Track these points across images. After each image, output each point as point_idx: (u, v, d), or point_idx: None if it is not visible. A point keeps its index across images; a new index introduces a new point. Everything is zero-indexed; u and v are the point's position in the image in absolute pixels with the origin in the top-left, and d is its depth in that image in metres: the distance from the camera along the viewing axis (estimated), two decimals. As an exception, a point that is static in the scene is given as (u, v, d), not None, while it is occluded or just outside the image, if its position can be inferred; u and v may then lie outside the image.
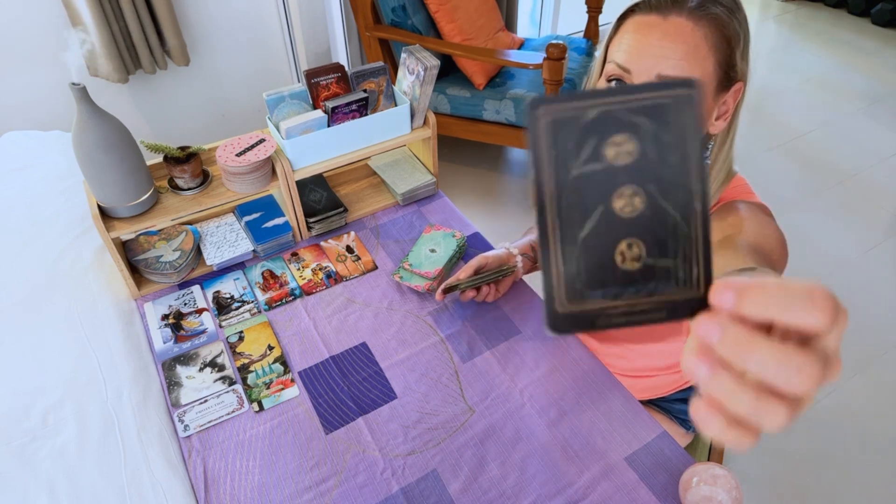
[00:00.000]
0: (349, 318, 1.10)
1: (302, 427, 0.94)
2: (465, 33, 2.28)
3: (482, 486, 0.86)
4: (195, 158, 1.11)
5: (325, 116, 1.16)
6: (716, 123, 0.79)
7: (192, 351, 1.04)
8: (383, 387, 0.99)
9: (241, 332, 1.07)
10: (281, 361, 1.03)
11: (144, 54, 2.13)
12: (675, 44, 0.71)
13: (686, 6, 0.72)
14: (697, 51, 0.71)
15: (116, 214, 1.06)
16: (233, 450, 0.91)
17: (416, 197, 1.34)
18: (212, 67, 2.42)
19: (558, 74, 2.06)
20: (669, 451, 0.90)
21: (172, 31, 2.14)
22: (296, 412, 0.96)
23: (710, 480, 0.78)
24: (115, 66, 2.06)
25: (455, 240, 1.20)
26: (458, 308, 1.11)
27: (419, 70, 1.19)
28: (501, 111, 2.31)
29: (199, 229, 1.22)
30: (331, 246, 1.24)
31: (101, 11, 1.95)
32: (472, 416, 0.94)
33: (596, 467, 0.88)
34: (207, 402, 0.97)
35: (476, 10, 2.33)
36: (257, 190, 1.15)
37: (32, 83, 2.09)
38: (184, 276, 1.16)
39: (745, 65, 0.76)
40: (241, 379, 1.00)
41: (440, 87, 2.37)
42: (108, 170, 1.01)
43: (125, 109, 2.33)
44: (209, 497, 0.85)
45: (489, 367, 1.01)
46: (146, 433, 0.90)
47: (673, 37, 0.71)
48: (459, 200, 2.54)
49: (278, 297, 1.14)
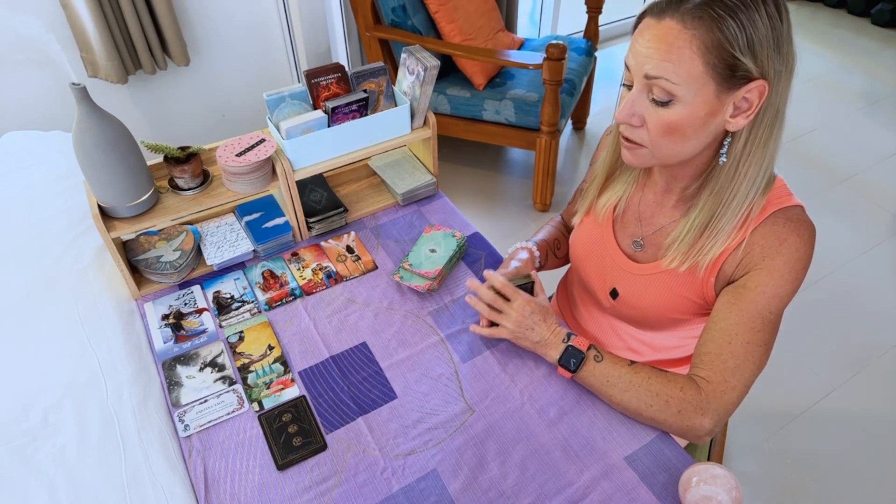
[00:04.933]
0: (349, 318, 1.10)
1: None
2: (465, 33, 2.28)
3: (482, 485, 0.86)
4: (195, 158, 1.11)
5: (325, 116, 1.16)
6: (732, 121, 0.80)
7: (192, 351, 1.05)
8: (383, 387, 0.99)
9: (241, 332, 1.07)
10: (281, 361, 1.03)
11: (144, 54, 2.14)
12: (659, 44, 0.76)
13: (681, 8, 0.75)
14: (682, 52, 0.75)
15: (117, 214, 1.06)
16: (233, 450, 0.91)
17: (416, 197, 1.34)
18: (212, 67, 2.42)
19: (558, 74, 2.06)
20: (669, 450, 0.90)
21: (172, 32, 2.14)
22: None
23: (709, 480, 0.78)
24: (114, 67, 2.06)
25: (455, 240, 1.20)
26: (458, 308, 1.11)
27: (419, 70, 1.19)
28: (501, 111, 2.31)
29: (199, 229, 1.22)
30: (331, 246, 1.24)
31: (100, 11, 1.95)
32: (472, 416, 0.94)
33: (596, 467, 0.88)
34: (207, 402, 0.97)
35: (476, 11, 2.33)
36: (257, 190, 1.15)
37: (33, 83, 2.10)
38: (184, 276, 1.16)
39: (767, 63, 0.76)
40: (241, 379, 1.00)
41: (440, 88, 2.38)
42: (108, 170, 1.01)
43: (125, 109, 2.33)
44: (209, 497, 0.85)
45: (489, 367, 1.01)
46: (146, 433, 0.90)
47: (660, 38, 0.76)
48: (459, 200, 2.54)
49: (278, 297, 1.14)
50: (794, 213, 0.86)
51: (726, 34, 0.73)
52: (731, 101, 0.78)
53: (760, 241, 0.86)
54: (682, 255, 0.91)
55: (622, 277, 1.01)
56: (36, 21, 1.99)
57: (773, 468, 1.67)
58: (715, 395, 0.86)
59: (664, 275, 0.95)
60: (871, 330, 2.02)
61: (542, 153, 2.30)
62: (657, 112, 0.80)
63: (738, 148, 0.83)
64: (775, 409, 1.81)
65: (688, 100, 0.77)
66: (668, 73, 0.76)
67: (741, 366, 0.86)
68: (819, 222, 2.49)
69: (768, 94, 0.77)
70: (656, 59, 0.76)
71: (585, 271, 1.09)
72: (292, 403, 0.96)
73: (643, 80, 0.79)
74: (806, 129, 2.92)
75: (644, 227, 0.99)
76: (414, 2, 2.27)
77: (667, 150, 0.83)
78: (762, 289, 0.85)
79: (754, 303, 0.85)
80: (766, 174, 0.86)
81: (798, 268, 0.85)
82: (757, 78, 0.76)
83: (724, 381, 0.86)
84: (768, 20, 0.74)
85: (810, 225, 0.87)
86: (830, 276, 2.20)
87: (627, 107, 0.82)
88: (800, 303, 2.10)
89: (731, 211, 0.86)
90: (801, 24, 3.87)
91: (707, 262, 0.90)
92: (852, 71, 3.39)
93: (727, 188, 0.85)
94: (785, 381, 1.87)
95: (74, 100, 0.97)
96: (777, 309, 0.86)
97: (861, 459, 1.68)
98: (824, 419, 1.77)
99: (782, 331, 0.89)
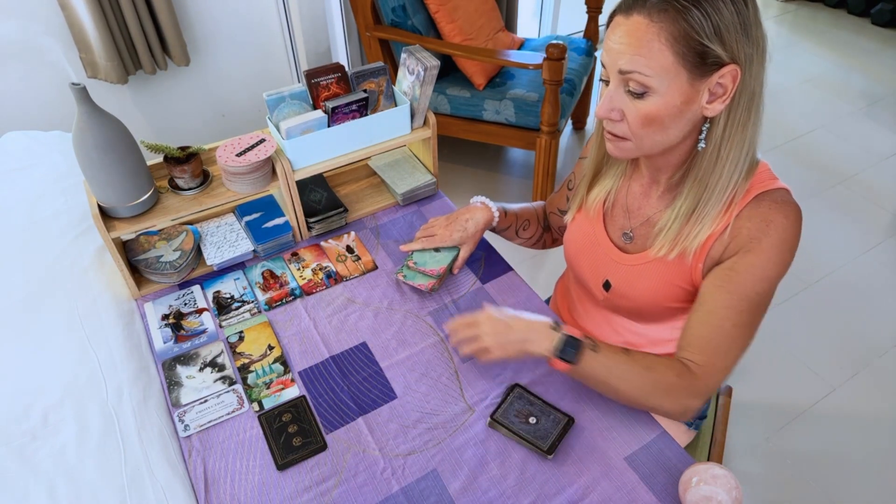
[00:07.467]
0: (349, 317, 1.10)
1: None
2: (465, 33, 2.28)
3: (482, 486, 0.86)
4: (195, 158, 1.11)
5: (325, 116, 1.16)
6: (708, 107, 0.82)
7: (192, 351, 1.05)
8: (383, 387, 0.99)
9: (241, 332, 1.07)
10: (281, 361, 1.03)
11: (144, 54, 2.13)
12: (630, 39, 0.79)
13: (647, 3, 0.78)
14: (651, 45, 0.78)
15: (117, 214, 1.06)
16: (233, 450, 0.91)
17: (416, 197, 1.34)
18: (212, 67, 2.42)
19: (558, 74, 2.06)
20: (669, 451, 0.90)
21: (172, 32, 2.14)
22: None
23: (710, 480, 0.78)
24: (114, 67, 2.06)
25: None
26: (459, 308, 1.11)
27: (419, 70, 1.19)
28: (501, 111, 2.31)
29: (199, 229, 1.22)
30: (331, 246, 1.24)
31: (100, 12, 1.95)
32: (471, 416, 0.94)
33: (596, 467, 0.88)
34: (207, 402, 0.97)
35: (476, 10, 2.33)
36: (257, 190, 1.15)
37: (33, 84, 2.09)
38: (184, 276, 1.16)
39: (737, 47, 0.78)
40: (241, 379, 1.00)
41: (440, 87, 2.38)
42: (108, 170, 1.01)
43: (125, 109, 2.33)
44: (209, 497, 0.85)
45: (489, 366, 1.01)
46: (146, 433, 0.90)
47: (630, 33, 0.79)
48: (459, 200, 2.54)
49: (278, 297, 1.14)
50: (778, 196, 0.87)
51: (692, 23, 0.76)
52: (706, 88, 0.80)
53: (746, 223, 0.87)
54: (669, 243, 0.93)
55: (614, 269, 1.03)
56: (35, 21, 1.99)
57: (773, 468, 1.67)
58: (705, 378, 0.88)
59: (654, 264, 0.97)
60: (871, 330, 2.02)
61: (542, 153, 2.30)
62: (635, 104, 0.83)
63: (717, 133, 0.85)
64: (775, 409, 1.80)
65: (662, 90, 0.80)
66: (640, 67, 0.79)
67: (730, 348, 0.87)
68: (819, 222, 2.50)
69: (742, 77, 0.80)
70: (628, 54, 0.79)
71: (579, 266, 1.10)
72: (292, 403, 0.96)
73: (618, 75, 0.82)
74: (806, 129, 2.92)
75: (632, 218, 1.01)
76: (414, 2, 2.27)
77: (648, 141, 0.86)
78: (750, 271, 0.86)
79: (742, 285, 0.86)
80: (749, 157, 0.87)
81: (784, 249, 0.86)
82: (728, 63, 0.79)
83: (713, 364, 0.88)
84: (733, 6, 0.77)
85: (796, 207, 0.87)
86: (830, 276, 2.20)
87: (606, 102, 0.85)
88: (800, 303, 2.11)
89: (716, 196, 0.88)
90: (801, 24, 3.87)
91: (694, 248, 0.91)
92: (852, 71, 3.39)
93: (710, 173, 0.87)
94: (785, 381, 1.87)
95: (74, 100, 0.97)
96: (764, 290, 0.87)
97: (861, 459, 1.68)
98: (824, 419, 1.77)
99: (783, 331, 0.89)
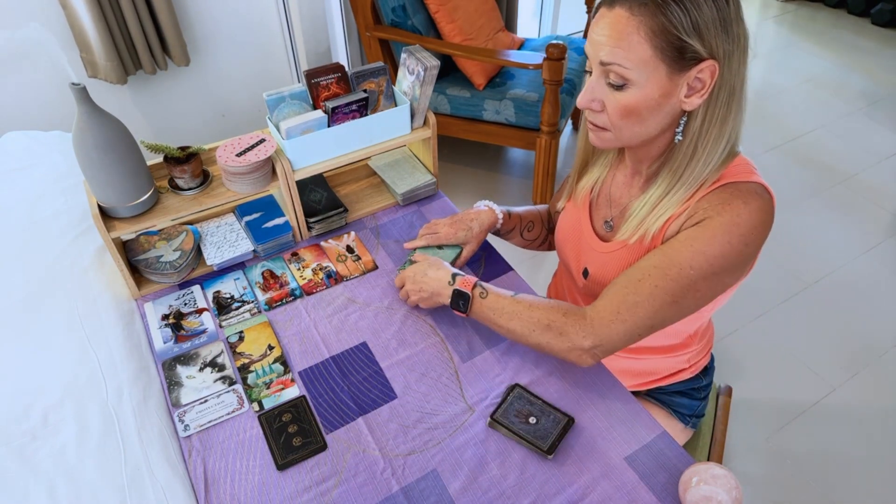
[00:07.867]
0: (349, 317, 1.10)
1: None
2: (465, 33, 2.28)
3: (482, 485, 0.86)
4: (195, 158, 1.11)
5: (325, 116, 1.16)
6: (687, 101, 0.83)
7: (192, 351, 1.05)
8: (383, 386, 0.99)
9: (241, 332, 1.07)
10: (281, 361, 1.03)
11: (144, 54, 2.14)
12: (611, 32, 0.81)
13: None
14: (631, 38, 0.79)
15: (117, 214, 1.06)
16: (233, 450, 0.91)
17: (416, 197, 1.34)
18: (212, 67, 2.42)
19: (558, 74, 2.06)
20: (669, 450, 0.90)
21: (172, 32, 2.14)
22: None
23: (710, 480, 0.78)
24: (114, 67, 2.06)
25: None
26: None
27: (419, 70, 1.19)
28: (501, 111, 2.31)
29: (199, 229, 1.22)
30: (331, 246, 1.25)
31: (100, 12, 1.95)
32: (471, 416, 0.95)
33: (596, 467, 0.88)
34: (207, 402, 0.97)
35: (476, 10, 2.33)
36: (257, 190, 1.15)
37: (33, 83, 2.09)
38: (184, 276, 1.16)
39: (716, 43, 0.79)
40: (241, 379, 1.00)
41: (440, 87, 2.38)
42: (108, 170, 1.01)
43: (125, 109, 2.33)
44: (209, 497, 0.85)
45: (489, 367, 1.01)
46: (146, 433, 0.90)
47: (611, 26, 0.81)
48: (459, 200, 2.54)
49: (278, 297, 1.14)
50: (747, 186, 0.87)
51: (670, 18, 0.77)
52: (684, 82, 0.82)
53: (704, 204, 0.88)
54: (633, 228, 0.94)
55: (592, 257, 1.04)
56: (36, 21, 1.99)
57: (773, 468, 1.67)
58: (602, 324, 0.88)
59: (622, 250, 0.98)
60: (871, 330, 2.02)
61: (542, 153, 2.30)
62: (614, 96, 0.84)
63: (694, 127, 0.86)
64: (775, 409, 1.81)
65: (641, 83, 0.82)
66: (620, 59, 0.81)
67: (639, 304, 0.87)
68: (819, 222, 2.50)
69: (720, 73, 0.81)
70: (609, 46, 0.81)
71: (566, 254, 1.12)
72: (292, 403, 0.96)
73: (600, 66, 0.84)
74: (806, 129, 2.92)
75: (613, 208, 1.03)
76: (414, 2, 2.27)
77: (628, 132, 0.88)
78: (690, 242, 0.86)
79: (677, 251, 0.87)
80: (726, 152, 0.88)
81: (734, 232, 0.85)
82: (706, 58, 0.80)
83: (617, 312, 0.88)
84: (713, 2, 0.78)
85: (764, 199, 0.86)
86: (830, 276, 2.20)
87: (587, 93, 0.87)
88: (800, 303, 2.11)
89: (686, 186, 0.89)
90: (800, 24, 3.87)
91: (654, 231, 0.92)
92: (852, 71, 3.39)
93: (685, 166, 0.88)
94: (785, 381, 1.87)
95: (74, 100, 0.97)
96: (699, 266, 0.85)
97: (861, 459, 1.68)
98: (824, 419, 1.78)
99: (783, 331, 0.89)
